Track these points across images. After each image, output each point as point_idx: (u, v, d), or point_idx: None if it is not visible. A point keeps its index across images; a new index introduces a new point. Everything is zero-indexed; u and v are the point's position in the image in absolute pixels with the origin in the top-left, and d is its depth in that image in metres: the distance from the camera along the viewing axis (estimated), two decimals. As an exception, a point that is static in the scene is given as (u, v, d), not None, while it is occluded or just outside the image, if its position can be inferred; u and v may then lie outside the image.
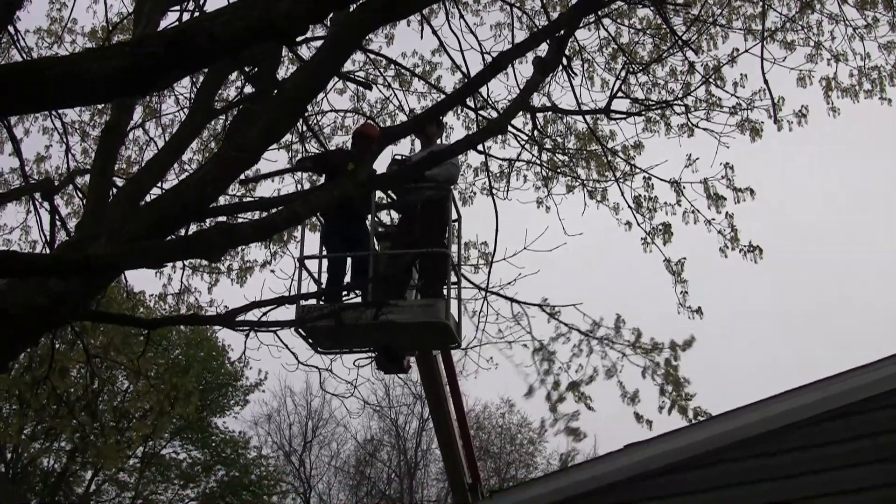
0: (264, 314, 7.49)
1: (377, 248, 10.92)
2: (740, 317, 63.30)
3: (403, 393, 44.21)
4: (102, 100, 8.78)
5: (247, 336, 7.97)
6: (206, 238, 6.02)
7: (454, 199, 11.19)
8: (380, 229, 11.16)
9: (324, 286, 10.93)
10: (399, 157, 11.27)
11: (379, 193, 11.17)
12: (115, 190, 10.00)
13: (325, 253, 11.23)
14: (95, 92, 5.40)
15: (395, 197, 11.32)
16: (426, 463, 45.02)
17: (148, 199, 8.79)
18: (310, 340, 10.57)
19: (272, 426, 45.76)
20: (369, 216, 11.00)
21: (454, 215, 11.14)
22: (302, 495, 45.14)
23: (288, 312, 12.13)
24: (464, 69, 13.36)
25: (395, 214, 11.79)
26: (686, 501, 10.62)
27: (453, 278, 10.82)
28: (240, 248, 14.94)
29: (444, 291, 10.62)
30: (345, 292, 11.17)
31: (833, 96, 13.10)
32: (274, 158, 20.71)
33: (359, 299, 11.06)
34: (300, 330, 10.14)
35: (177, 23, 10.87)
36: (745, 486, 10.43)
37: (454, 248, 11.08)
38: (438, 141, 11.46)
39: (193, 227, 8.35)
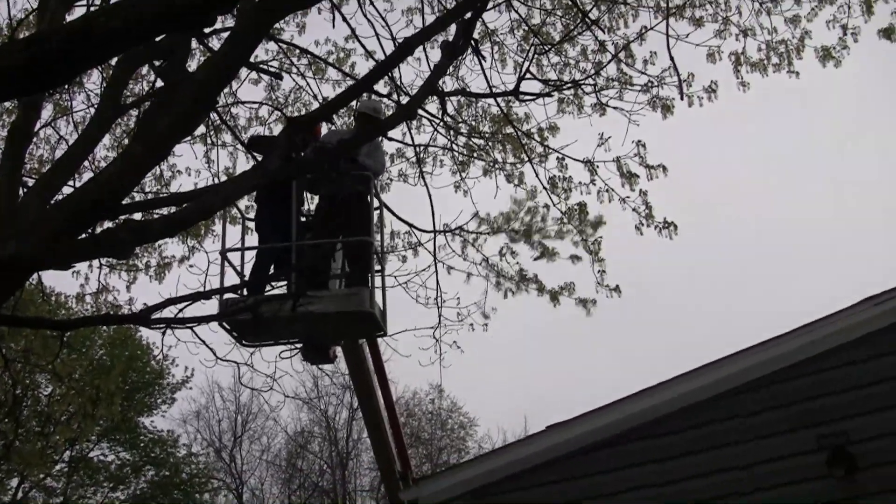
0: (181, 310, 7.39)
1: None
2: (660, 297, 63.98)
3: (332, 383, 44.16)
4: (2, 99, 8.62)
5: (163, 334, 7.85)
6: (115, 236, 5.95)
7: (375, 188, 11.18)
8: (302, 219, 11.10)
9: (247, 277, 10.85)
10: (317, 145, 11.22)
11: None
12: (25, 190, 9.82)
13: (255, 240, 11.16)
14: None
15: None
16: (357, 452, 45.06)
17: (59, 198, 8.63)
18: (234, 334, 10.49)
19: (201, 423, 45.49)
20: (304, 202, 10.97)
21: (375, 203, 11.14)
22: (234, 491, 44.91)
23: (206, 307, 11.98)
24: (378, 56, 13.33)
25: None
26: (610, 479, 10.75)
27: (377, 267, 10.81)
28: (157, 244, 14.78)
29: (369, 280, 10.61)
30: (268, 283, 11.11)
31: (742, 71, 13.28)
32: (180, 153, 20.43)
33: (284, 290, 11.01)
34: (224, 324, 10.07)
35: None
36: (665, 461, 10.60)
37: (377, 236, 11.06)
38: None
39: (109, 224, 8.24)
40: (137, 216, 7.98)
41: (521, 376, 61.37)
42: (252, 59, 11.51)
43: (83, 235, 7.53)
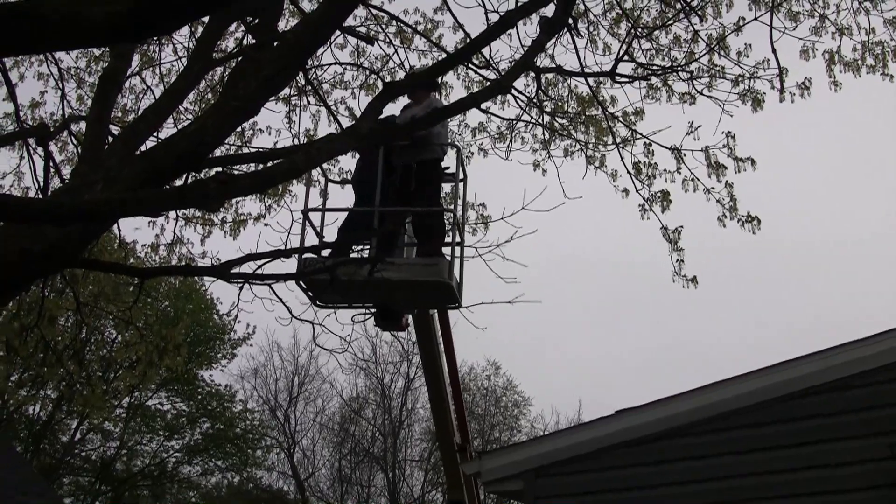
0: (259, 267, 7.40)
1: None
2: (740, 289, 63.43)
3: (390, 351, 44.31)
4: (101, 44, 8.67)
5: (241, 289, 7.88)
6: (203, 188, 5.92)
7: (461, 160, 11.14)
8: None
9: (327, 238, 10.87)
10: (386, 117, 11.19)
11: None
12: (110, 138, 9.88)
13: (336, 201, 11.17)
14: (95, 36, 5.28)
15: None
16: (410, 423, 45.21)
17: (144, 148, 8.67)
18: (309, 294, 10.52)
19: (258, 381, 45.87)
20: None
21: (460, 175, 11.10)
22: (286, 451, 45.27)
23: (282, 266, 12.00)
24: (466, 28, 13.29)
25: None
26: (675, 468, 10.64)
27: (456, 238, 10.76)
28: (235, 200, 14.83)
29: (446, 251, 10.60)
30: (353, 244, 11.13)
31: (835, 70, 13.02)
32: (274, 110, 20.51)
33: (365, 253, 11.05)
34: (301, 283, 10.10)
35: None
36: (732, 455, 10.46)
37: (458, 208, 11.01)
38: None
39: (191, 177, 8.28)
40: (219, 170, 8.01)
41: (578, 360, 61.25)
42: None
43: (168, 186, 7.57)
